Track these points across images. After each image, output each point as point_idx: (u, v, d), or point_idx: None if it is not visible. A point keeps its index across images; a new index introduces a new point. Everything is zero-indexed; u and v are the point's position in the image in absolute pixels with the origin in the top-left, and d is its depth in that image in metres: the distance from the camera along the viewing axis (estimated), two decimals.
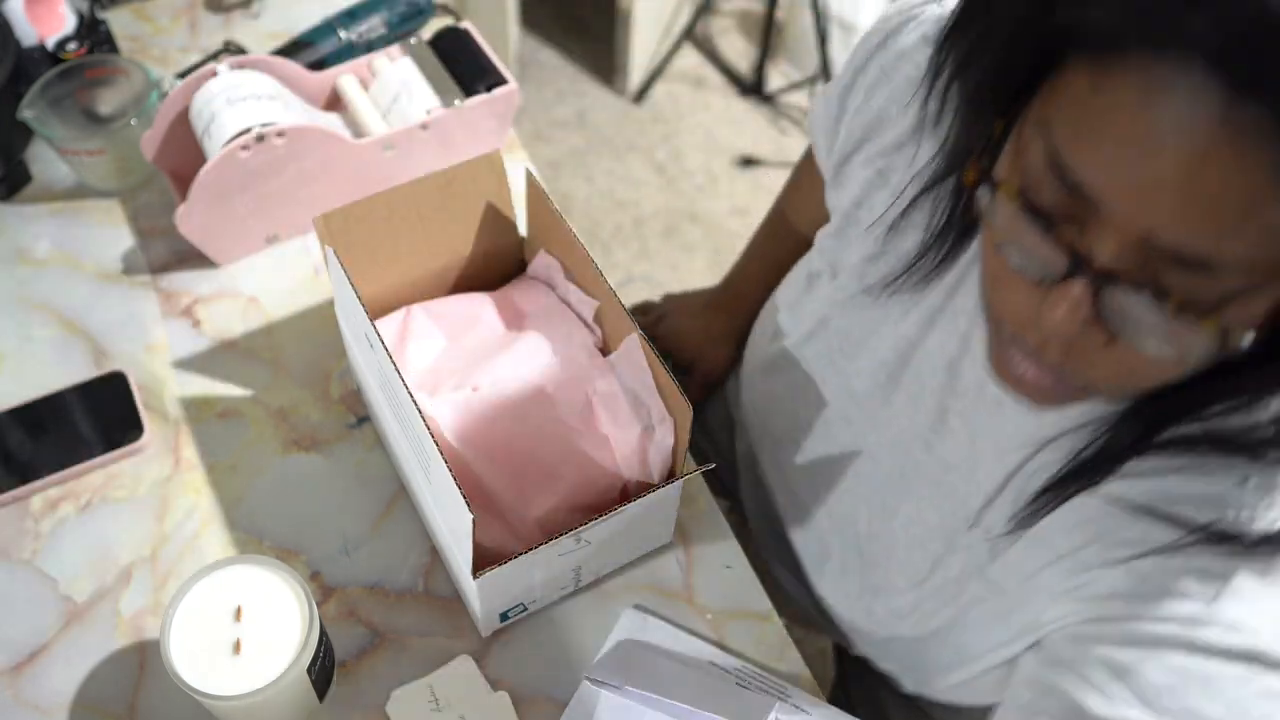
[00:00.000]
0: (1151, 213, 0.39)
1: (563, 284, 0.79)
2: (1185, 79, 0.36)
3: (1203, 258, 0.39)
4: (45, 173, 0.97)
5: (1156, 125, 0.37)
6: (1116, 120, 0.39)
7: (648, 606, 0.74)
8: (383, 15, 0.95)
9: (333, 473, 0.80)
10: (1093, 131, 0.40)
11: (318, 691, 0.67)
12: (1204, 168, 0.37)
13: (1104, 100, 0.39)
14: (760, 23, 2.19)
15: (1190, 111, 0.36)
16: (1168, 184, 0.38)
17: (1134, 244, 0.40)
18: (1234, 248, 0.38)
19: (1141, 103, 0.37)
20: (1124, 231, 0.40)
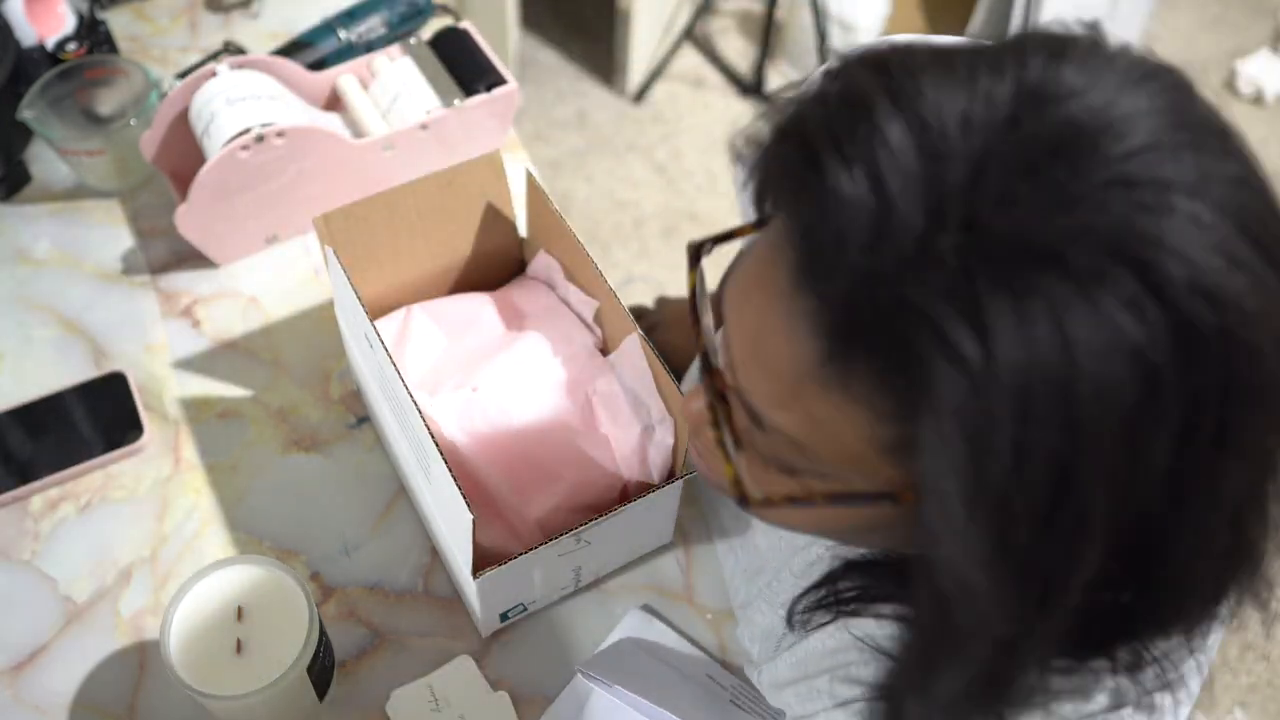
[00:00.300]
0: (735, 352, 0.41)
1: (563, 284, 0.79)
2: (785, 249, 0.37)
3: (756, 412, 0.40)
4: (45, 173, 0.97)
5: (755, 281, 0.39)
6: (746, 263, 0.41)
7: (650, 607, 0.74)
8: (382, 15, 0.95)
9: (333, 473, 0.80)
10: (738, 268, 0.42)
11: (318, 691, 0.67)
12: (765, 334, 0.38)
13: (756, 245, 0.41)
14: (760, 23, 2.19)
15: (774, 279, 0.37)
16: (744, 331, 0.40)
17: (732, 376, 0.42)
18: (781, 418, 0.39)
19: (759, 258, 0.39)
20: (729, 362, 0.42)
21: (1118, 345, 0.31)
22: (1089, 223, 0.31)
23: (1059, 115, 0.33)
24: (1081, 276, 0.31)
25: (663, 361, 0.66)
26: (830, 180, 0.34)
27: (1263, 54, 2.28)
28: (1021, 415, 0.31)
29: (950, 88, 0.34)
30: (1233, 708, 1.48)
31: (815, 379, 0.36)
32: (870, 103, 0.35)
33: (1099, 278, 0.31)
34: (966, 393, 0.32)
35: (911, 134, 0.33)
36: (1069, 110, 0.33)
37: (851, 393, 0.35)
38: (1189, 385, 0.32)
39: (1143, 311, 0.31)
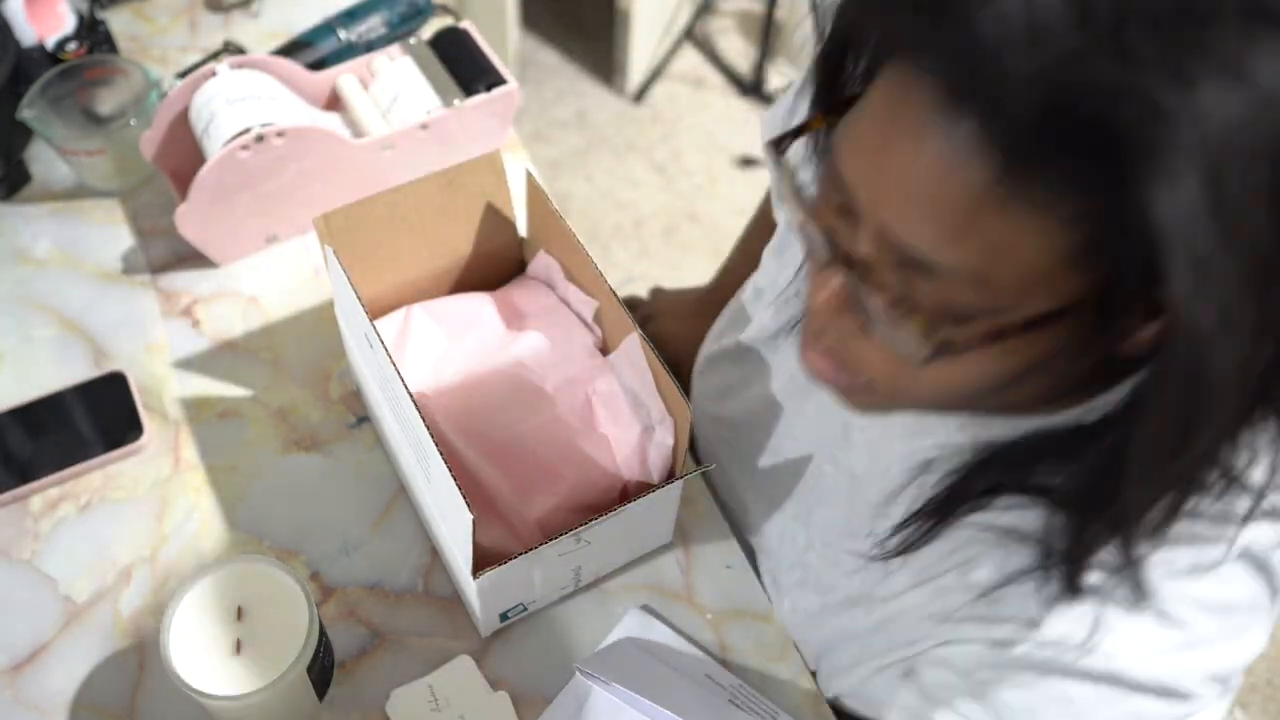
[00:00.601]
0: (884, 209, 0.40)
1: (562, 284, 0.79)
2: (921, 86, 0.37)
3: (926, 260, 0.40)
4: (45, 173, 0.97)
5: (893, 126, 0.39)
6: (870, 117, 0.41)
7: (650, 607, 0.74)
8: (382, 15, 0.95)
9: (333, 473, 0.80)
10: (852, 126, 0.42)
11: (318, 691, 0.67)
12: (925, 173, 0.38)
13: (868, 100, 0.41)
14: (760, 23, 2.19)
15: (918, 118, 0.38)
16: (895, 184, 0.39)
17: (876, 240, 0.42)
18: (954, 256, 0.39)
19: (888, 102, 0.40)
20: (870, 226, 0.42)
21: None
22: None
23: None
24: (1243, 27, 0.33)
25: (662, 361, 0.66)
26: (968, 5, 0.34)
27: None
28: (1239, 150, 0.33)
29: None
30: (1233, 708, 1.48)
31: (991, 200, 0.36)
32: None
33: (1259, 26, 0.33)
34: (1188, 141, 0.32)
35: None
36: None
37: (1034, 203, 0.36)
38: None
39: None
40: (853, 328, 0.46)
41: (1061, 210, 0.36)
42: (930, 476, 0.58)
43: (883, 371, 0.46)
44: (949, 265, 0.39)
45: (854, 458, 0.66)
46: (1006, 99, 0.34)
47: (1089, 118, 0.33)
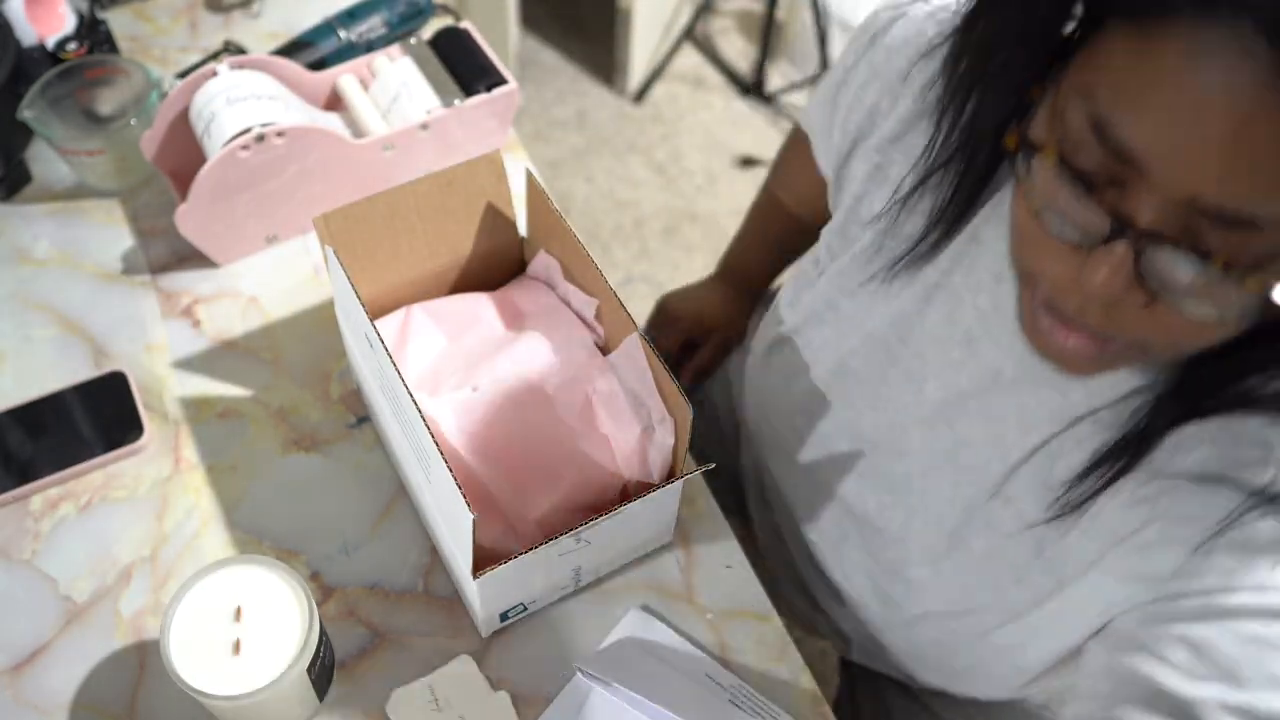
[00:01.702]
0: (1197, 175, 0.39)
1: (563, 284, 0.79)
2: (1233, 43, 0.36)
3: (1248, 217, 0.39)
4: (45, 173, 0.97)
5: (1203, 89, 0.38)
6: (1162, 84, 0.39)
7: (650, 607, 0.74)
8: (383, 15, 0.95)
9: (333, 473, 0.80)
10: (1138, 95, 0.40)
11: (318, 691, 0.67)
12: (1251, 130, 0.37)
13: (1150, 64, 0.39)
14: (760, 23, 2.19)
15: (1237, 75, 0.36)
16: (1214, 147, 0.38)
17: (1177, 205, 0.41)
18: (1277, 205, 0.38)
19: (1188, 67, 0.38)
20: (1168, 193, 0.41)
21: None
22: None
23: None
24: None
25: (662, 361, 0.66)
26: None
27: None
28: None
29: None
30: None
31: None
32: None
33: None
34: None
35: None
36: None
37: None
38: None
39: None
40: (1130, 302, 0.45)
41: None
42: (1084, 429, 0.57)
43: (1158, 336, 0.45)
44: (1272, 215, 0.39)
45: (965, 422, 0.65)
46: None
47: None
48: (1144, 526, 0.56)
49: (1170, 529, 0.54)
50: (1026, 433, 0.61)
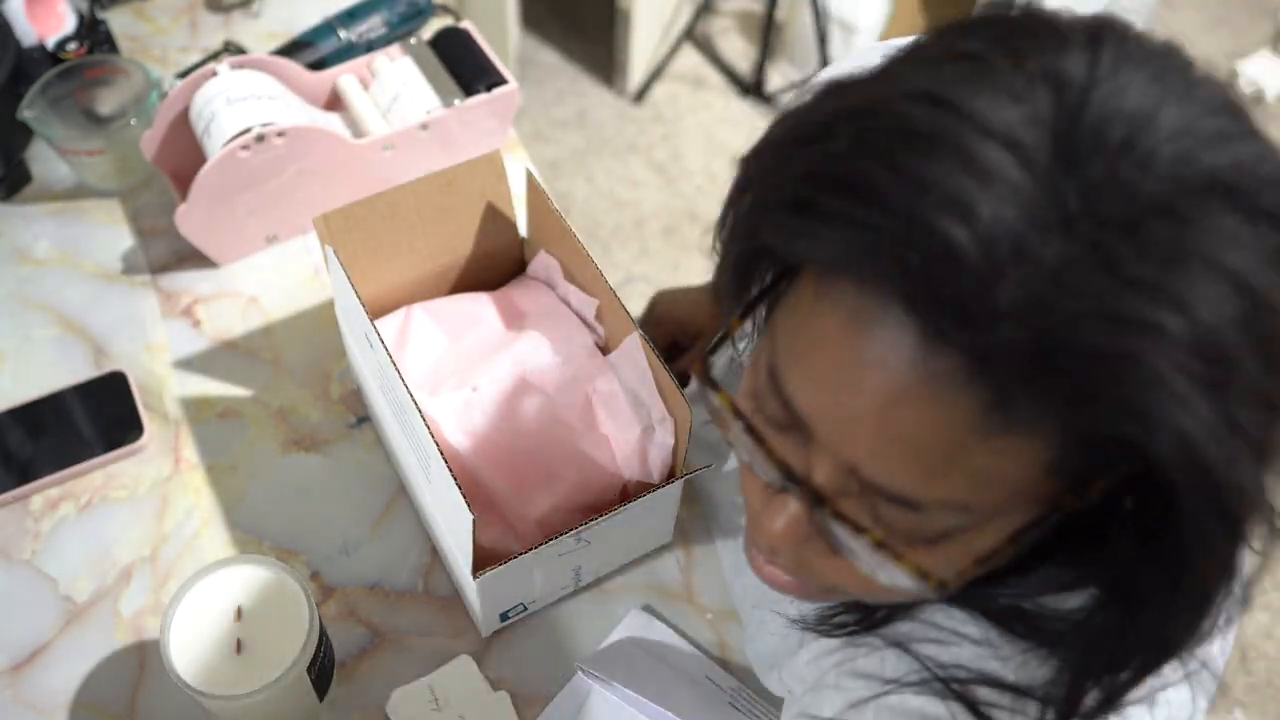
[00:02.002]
0: (853, 446, 0.37)
1: (563, 284, 0.79)
2: (887, 318, 0.34)
3: (907, 497, 0.37)
4: (45, 173, 0.97)
5: (858, 360, 0.35)
6: (824, 347, 0.37)
7: (650, 607, 0.74)
8: (383, 15, 0.95)
9: (333, 473, 0.80)
10: (804, 354, 0.38)
11: (318, 691, 0.67)
12: (900, 410, 0.35)
13: (817, 324, 0.37)
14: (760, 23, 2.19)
15: (889, 352, 0.34)
16: (867, 421, 0.36)
17: (838, 468, 0.38)
18: (939, 490, 0.36)
19: (847, 334, 0.36)
20: (834, 458, 0.38)
21: (1266, 261, 0.33)
22: (1190, 173, 0.33)
23: (1104, 94, 0.33)
24: (1213, 221, 0.32)
25: (662, 361, 0.66)
26: (946, 230, 0.31)
27: (1263, 54, 2.28)
28: (1242, 356, 0.32)
29: (997, 96, 0.33)
30: (1232, 708, 1.48)
31: (975, 434, 0.34)
32: (942, 133, 0.33)
33: (1224, 216, 0.32)
34: (1196, 365, 0.32)
35: (1005, 150, 0.32)
36: (1113, 86, 0.33)
37: (1020, 429, 0.34)
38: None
39: (1259, 228, 0.33)
40: (814, 549, 0.43)
41: (1049, 427, 0.34)
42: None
43: (850, 583, 0.43)
44: (933, 499, 0.37)
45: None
46: (994, 333, 0.32)
47: (1083, 346, 0.31)
48: (829, 671, 0.54)
49: (844, 679, 0.52)
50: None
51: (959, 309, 0.32)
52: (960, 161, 0.32)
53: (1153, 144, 0.33)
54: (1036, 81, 0.33)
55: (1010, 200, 0.31)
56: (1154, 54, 0.35)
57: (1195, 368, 0.31)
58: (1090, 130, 0.33)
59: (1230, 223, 0.33)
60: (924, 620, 0.49)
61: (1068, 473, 0.36)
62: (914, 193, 0.32)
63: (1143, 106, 0.33)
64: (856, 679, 0.51)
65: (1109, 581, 0.42)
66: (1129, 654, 0.40)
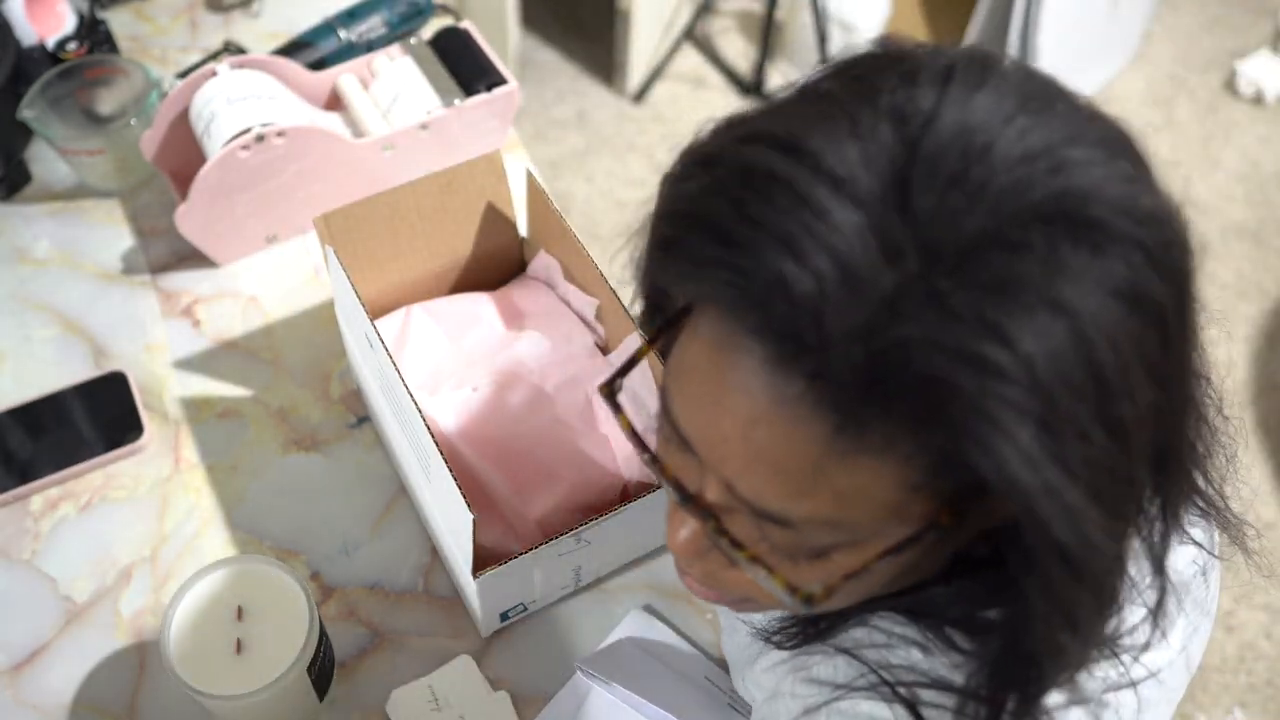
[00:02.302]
0: (726, 467, 0.39)
1: (563, 284, 0.79)
2: (742, 346, 0.36)
3: (778, 515, 0.38)
4: (45, 173, 0.97)
5: (722, 385, 0.37)
6: (695, 373, 0.39)
7: (651, 607, 0.74)
8: (383, 15, 0.95)
9: (333, 473, 0.80)
10: (681, 379, 0.40)
11: (318, 691, 0.67)
12: (760, 432, 0.37)
13: (691, 351, 0.39)
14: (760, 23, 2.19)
15: (746, 378, 0.36)
16: (734, 443, 0.38)
17: (723, 489, 0.40)
18: (805, 508, 0.38)
19: (712, 361, 0.38)
20: (712, 476, 0.40)
21: (1104, 293, 0.33)
22: (1024, 203, 0.34)
23: (945, 126, 0.34)
24: (1046, 251, 0.33)
25: (663, 361, 0.66)
26: (773, 263, 0.34)
27: (1263, 54, 2.28)
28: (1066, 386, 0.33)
29: (837, 135, 0.35)
30: (1232, 708, 1.48)
31: (832, 455, 0.35)
32: (778, 174, 0.35)
33: (1059, 246, 0.33)
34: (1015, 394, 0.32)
35: (832, 189, 0.34)
36: (950, 119, 0.35)
37: (874, 450, 0.35)
38: (1158, 294, 0.35)
39: (1106, 256, 0.34)
40: (717, 561, 0.45)
41: (901, 449, 0.35)
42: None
43: (756, 595, 0.45)
44: (802, 516, 0.38)
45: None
46: (833, 359, 0.33)
47: (913, 373, 0.33)
48: (785, 678, 0.55)
49: (799, 686, 0.53)
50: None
51: (796, 338, 0.34)
52: (794, 202, 0.34)
53: (986, 174, 0.34)
54: (881, 118, 0.35)
55: (840, 236, 0.33)
56: (1015, 85, 0.36)
57: (1017, 398, 0.32)
58: (925, 163, 0.34)
59: (1067, 251, 0.33)
60: (874, 626, 0.50)
61: (936, 492, 0.37)
62: (752, 232, 0.34)
63: (983, 137, 0.34)
64: (810, 685, 0.52)
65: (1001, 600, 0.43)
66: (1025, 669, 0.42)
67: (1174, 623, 0.48)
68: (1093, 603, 0.38)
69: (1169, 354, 0.36)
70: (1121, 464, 0.35)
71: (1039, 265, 0.33)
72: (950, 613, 0.47)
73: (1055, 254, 0.33)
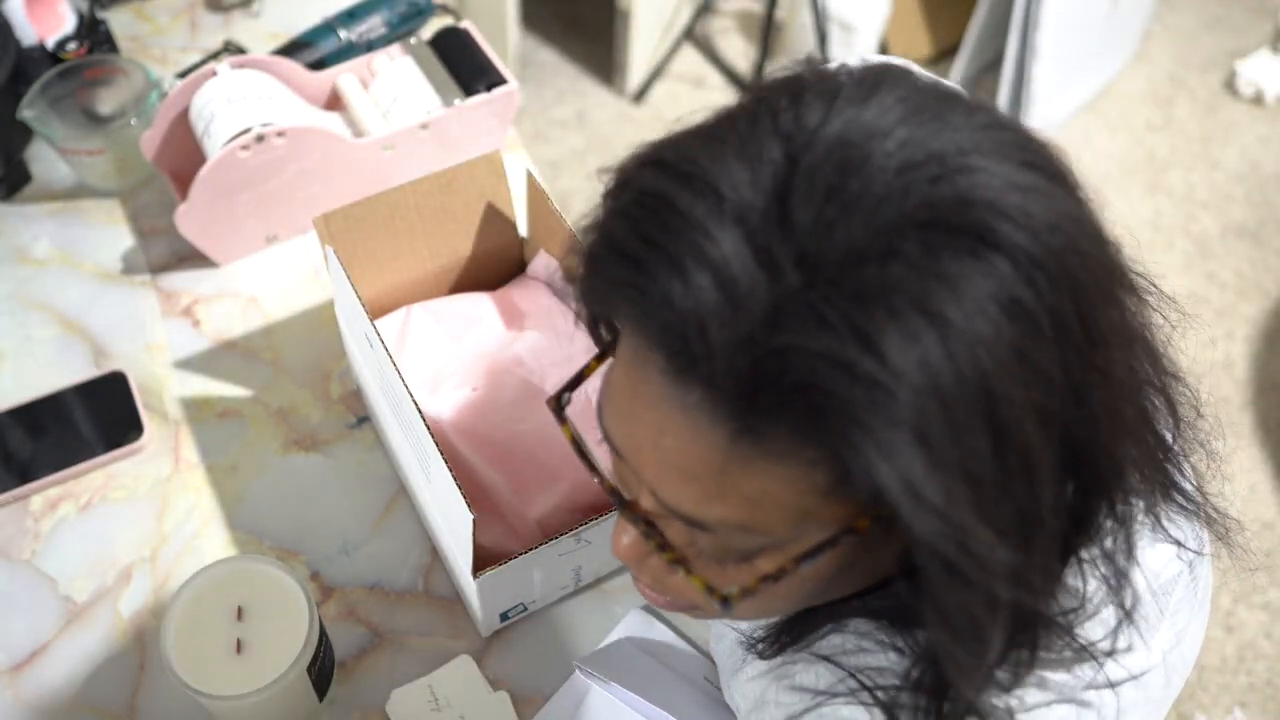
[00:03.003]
0: (645, 473, 0.40)
1: (563, 284, 0.79)
2: (648, 359, 0.38)
3: (694, 518, 0.40)
4: (45, 173, 0.97)
5: (634, 396, 0.39)
6: (617, 385, 0.41)
7: (651, 607, 0.74)
8: (383, 15, 0.95)
9: (333, 473, 0.80)
10: (607, 390, 0.43)
11: (318, 691, 0.67)
12: (668, 440, 0.38)
13: (616, 365, 0.42)
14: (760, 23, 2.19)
15: (651, 388, 0.38)
16: (647, 450, 0.40)
17: (651, 495, 0.42)
18: (717, 512, 0.39)
19: (628, 373, 0.40)
20: (646, 485, 0.42)
21: (981, 301, 0.34)
22: (901, 212, 0.34)
23: (824, 141, 0.35)
24: (921, 260, 0.34)
25: None
26: (664, 280, 0.35)
27: (1263, 54, 2.28)
28: (938, 395, 0.33)
29: (724, 156, 0.36)
30: (1232, 707, 1.48)
31: (734, 460, 0.36)
32: (666, 196, 0.36)
33: (936, 254, 0.34)
34: (886, 402, 0.33)
35: (714, 208, 0.35)
36: (829, 133, 0.36)
37: (774, 455, 0.36)
38: (1047, 302, 0.35)
39: (986, 263, 0.34)
40: (662, 569, 0.46)
41: (802, 455, 0.36)
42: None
43: (701, 601, 0.45)
44: (716, 520, 0.39)
45: None
46: (719, 368, 0.35)
47: (795, 382, 0.34)
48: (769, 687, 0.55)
49: (783, 695, 0.54)
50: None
51: (687, 350, 0.35)
52: (681, 223, 0.36)
53: (863, 185, 0.34)
54: (769, 137, 0.36)
55: (719, 253, 0.35)
56: (905, 98, 0.37)
57: (887, 405, 0.33)
58: (804, 177, 0.35)
59: (947, 259, 0.33)
60: (850, 631, 0.51)
61: (849, 497, 0.37)
62: (647, 253, 0.36)
63: (862, 150, 0.35)
64: (793, 693, 0.52)
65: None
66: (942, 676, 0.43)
67: (1154, 627, 0.48)
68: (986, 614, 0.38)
69: (1068, 361, 0.36)
70: (1009, 471, 0.35)
71: (913, 273, 0.33)
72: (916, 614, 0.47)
73: (932, 262, 0.33)
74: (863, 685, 0.48)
